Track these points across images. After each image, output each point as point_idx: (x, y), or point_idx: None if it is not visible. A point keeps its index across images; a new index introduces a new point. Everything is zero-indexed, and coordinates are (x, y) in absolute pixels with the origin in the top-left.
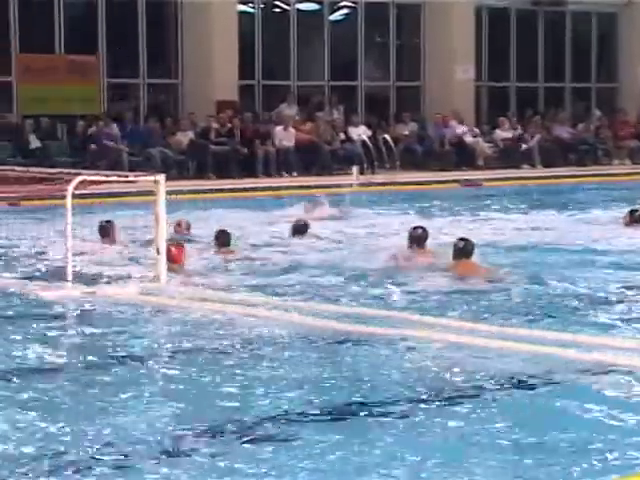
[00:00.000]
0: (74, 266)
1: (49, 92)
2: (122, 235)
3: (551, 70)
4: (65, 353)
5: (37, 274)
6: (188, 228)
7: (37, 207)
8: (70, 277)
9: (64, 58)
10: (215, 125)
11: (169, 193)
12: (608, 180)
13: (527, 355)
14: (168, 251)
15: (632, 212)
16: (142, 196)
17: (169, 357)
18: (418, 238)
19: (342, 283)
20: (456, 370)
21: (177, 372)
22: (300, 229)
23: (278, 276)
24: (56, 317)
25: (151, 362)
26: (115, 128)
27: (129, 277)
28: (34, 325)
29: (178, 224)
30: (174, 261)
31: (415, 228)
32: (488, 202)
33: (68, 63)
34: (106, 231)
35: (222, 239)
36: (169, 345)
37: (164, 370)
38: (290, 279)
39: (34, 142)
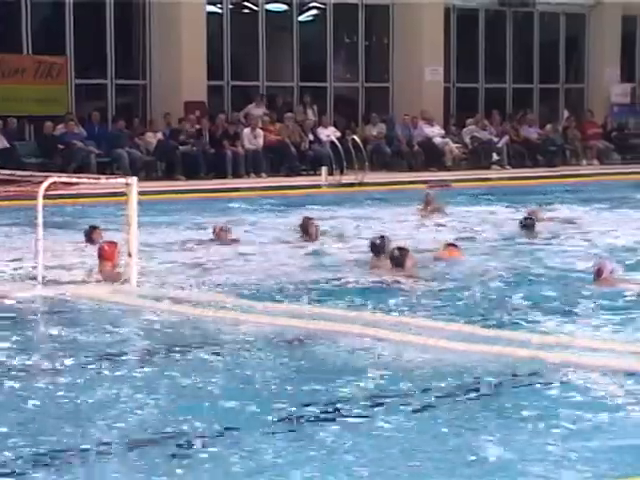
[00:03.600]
0: (45, 267)
1: (17, 92)
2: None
3: (519, 71)
4: (35, 354)
5: (7, 275)
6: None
7: (5, 208)
8: (41, 278)
9: (32, 58)
10: (184, 126)
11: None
12: (576, 181)
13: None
14: (101, 249)
15: (525, 219)
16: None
17: (137, 357)
18: (377, 247)
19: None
20: (416, 370)
21: (145, 372)
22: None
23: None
24: (26, 318)
25: (119, 362)
26: (82, 129)
27: (100, 278)
28: (3, 326)
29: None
30: (106, 259)
31: (375, 238)
32: (456, 203)
33: (36, 63)
34: (91, 235)
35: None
36: (138, 345)
37: (132, 370)
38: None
39: (1, 142)
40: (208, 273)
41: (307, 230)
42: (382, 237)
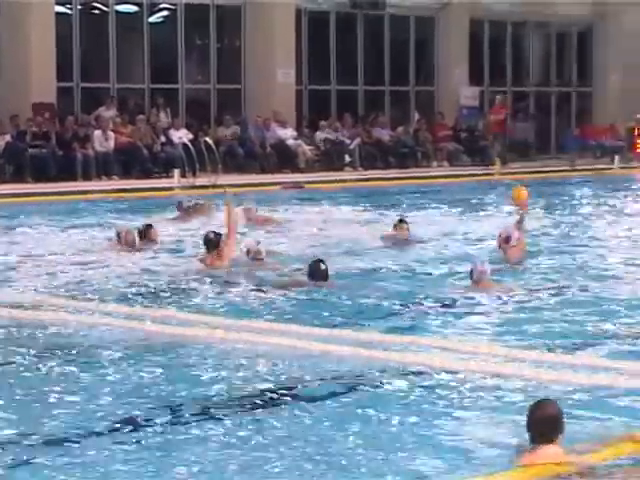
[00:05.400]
0: None
1: None
2: None
3: (371, 73)
4: None
5: None
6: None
7: None
8: None
9: None
10: (32, 128)
11: None
12: (427, 182)
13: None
14: None
15: (401, 221)
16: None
17: None
18: (210, 242)
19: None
20: (267, 373)
21: None
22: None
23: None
24: None
25: None
26: None
27: None
28: None
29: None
30: None
31: (210, 232)
32: (310, 204)
33: None
34: None
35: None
36: None
37: None
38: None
39: None
40: (56, 277)
41: (148, 236)
42: (216, 233)
